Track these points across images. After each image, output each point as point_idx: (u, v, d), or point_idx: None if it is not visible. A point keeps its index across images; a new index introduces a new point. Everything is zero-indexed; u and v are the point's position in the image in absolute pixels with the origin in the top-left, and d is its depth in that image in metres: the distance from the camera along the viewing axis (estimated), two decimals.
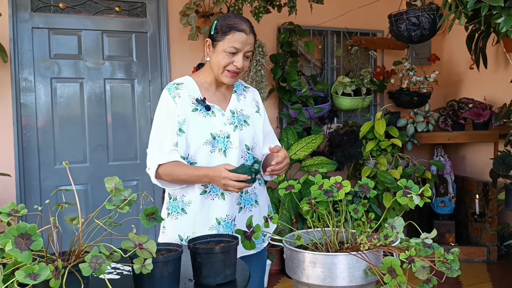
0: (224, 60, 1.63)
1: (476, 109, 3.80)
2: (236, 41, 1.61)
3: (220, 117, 1.70)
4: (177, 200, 1.70)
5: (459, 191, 4.13)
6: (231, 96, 1.78)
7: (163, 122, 1.67)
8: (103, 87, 3.49)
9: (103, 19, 3.47)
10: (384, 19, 3.45)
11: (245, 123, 1.74)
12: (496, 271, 3.64)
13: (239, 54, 1.63)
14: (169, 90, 1.69)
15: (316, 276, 1.24)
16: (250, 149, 1.73)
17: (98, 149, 3.49)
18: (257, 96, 1.87)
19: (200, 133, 1.65)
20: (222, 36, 1.62)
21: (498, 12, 2.29)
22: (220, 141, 1.67)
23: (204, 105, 1.68)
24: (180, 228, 1.69)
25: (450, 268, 1.16)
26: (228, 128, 1.69)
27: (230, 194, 1.67)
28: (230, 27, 1.62)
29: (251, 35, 1.65)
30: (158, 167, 1.63)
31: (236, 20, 1.64)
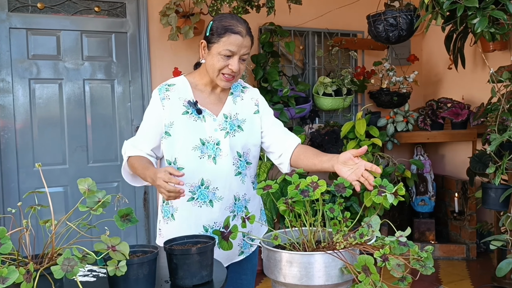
0: (219, 63, 1.57)
1: (454, 109, 3.85)
2: (232, 43, 1.55)
3: (210, 123, 1.64)
4: (169, 205, 1.67)
5: (438, 189, 4.18)
6: (226, 99, 1.71)
7: (146, 122, 1.66)
8: (83, 87, 3.45)
9: (82, 19, 3.43)
10: (364, 20, 3.48)
11: (238, 128, 1.68)
12: (475, 268, 3.70)
13: (234, 57, 1.57)
14: (159, 91, 1.65)
15: (293, 276, 1.24)
16: (242, 156, 1.67)
17: (78, 151, 3.45)
18: (256, 94, 1.78)
19: (189, 137, 1.60)
20: (217, 38, 1.56)
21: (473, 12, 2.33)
22: (210, 147, 1.61)
23: (195, 108, 1.62)
24: (171, 232, 1.64)
25: (424, 265, 1.17)
26: (218, 134, 1.63)
27: (220, 202, 1.62)
28: (225, 29, 1.56)
29: (247, 38, 1.59)
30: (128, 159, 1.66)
31: (232, 21, 1.58)
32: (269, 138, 1.74)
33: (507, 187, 2.72)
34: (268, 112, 1.77)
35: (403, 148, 4.39)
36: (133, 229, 3.60)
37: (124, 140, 1.74)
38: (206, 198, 1.61)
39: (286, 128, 1.79)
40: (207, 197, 1.61)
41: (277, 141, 1.73)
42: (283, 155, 1.71)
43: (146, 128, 1.66)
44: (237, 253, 1.73)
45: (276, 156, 1.73)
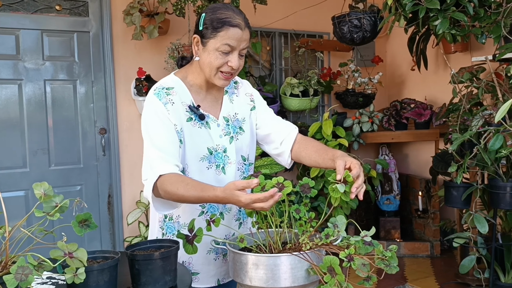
0: (218, 61, 1.40)
1: (417, 109, 3.94)
2: (231, 38, 1.38)
3: (215, 128, 1.48)
4: (173, 221, 1.51)
5: (403, 188, 4.26)
6: (222, 99, 1.55)
7: (159, 131, 1.40)
8: (44, 88, 3.34)
9: (43, 18, 3.32)
10: (330, 21, 3.51)
11: (240, 130, 1.54)
12: (439, 265, 3.78)
13: (234, 52, 1.40)
14: (158, 95, 1.43)
15: (259, 278, 1.22)
16: (246, 159, 1.56)
17: (39, 154, 3.33)
18: (249, 88, 1.64)
19: (196, 147, 1.44)
20: (214, 33, 1.38)
21: (435, 14, 2.38)
22: (218, 156, 1.47)
23: (198, 113, 1.45)
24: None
25: (389, 265, 1.18)
26: (224, 140, 1.48)
27: (229, 213, 1.51)
28: (222, 22, 1.38)
29: (246, 30, 1.41)
30: (158, 179, 1.35)
31: (228, 12, 1.40)
32: (266, 128, 1.61)
33: (468, 185, 2.79)
34: (262, 103, 1.65)
35: (369, 148, 4.46)
36: (97, 234, 3.50)
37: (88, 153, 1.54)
38: (217, 211, 1.49)
39: (281, 118, 1.67)
40: (217, 209, 1.49)
41: (276, 129, 1.59)
42: (284, 142, 1.58)
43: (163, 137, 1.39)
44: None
45: (276, 145, 1.59)
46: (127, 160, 3.53)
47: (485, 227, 2.62)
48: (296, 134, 1.60)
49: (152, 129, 1.41)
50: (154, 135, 1.41)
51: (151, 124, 1.42)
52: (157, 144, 1.39)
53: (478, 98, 2.88)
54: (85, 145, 3.46)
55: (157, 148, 1.39)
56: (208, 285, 1.55)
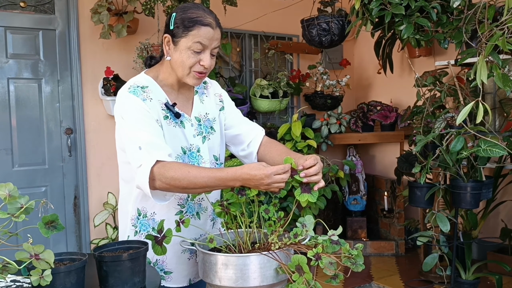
0: (190, 60, 1.40)
1: (383, 112, 4.03)
2: (202, 36, 1.38)
3: (189, 128, 1.48)
4: (147, 218, 1.48)
5: (369, 188, 4.35)
6: (193, 99, 1.54)
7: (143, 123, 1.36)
8: (7, 87, 3.24)
9: (6, 14, 3.22)
10: (299, 24, 3.55)
11: (211, 129, 1.55)
12: (403, 263, 3.88)
13: (206, 51, 1.41)
14: (134, 92, 1.41)
15: (228, 278, 1.23)
16: (218, 159, 1.57)
17: (2, 154, 3.23)
18: (218, 88, 1.64)
19: (171, 146, 1.40)
20: (185, 32, 1.38)
21: (400, 19, 2.45)
22: (192, 156, 1.47)
23: (174, 111, 1.44)
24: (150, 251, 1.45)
25: (355, 263, 1.21)
26: (197, 140, 1.49)
27: (205, 213, 1.52)
28: (194, 21, 1.38)
29: (217, 29, 1.43)
30: (156, 164, 1.30)
31: (199, 12, 1.41)
32: (235, 129, 1.62)
33: (431, 185, 2.87)
34: (231, 104, 1.66)
35: (337, 149, 4.53)
36: (62, 236, 3.43)
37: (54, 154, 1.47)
38: (193, 210, 1.51)
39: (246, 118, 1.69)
40: (194, 209, 1.51)
41: (244, 131, 1.61)
42: (251, 144, 1.60)
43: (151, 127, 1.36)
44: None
45: (243, 147, 1.61)
46: (94, 161, 3.47)
47: (447, 226, 2.70)
48: (262, 136, 1.62)
49: (136, 124, 1.37)
50: (139, 129, 1.36)
51: (134, 119, 1.37)
52: (146, 134, 1.35)
53: (441, 101, 2.98)
54: (51, 145, 3.38)
55: (147, 136, 1.34)
56: (180, 284, 1.55)
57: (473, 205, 2.71)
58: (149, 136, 1.35)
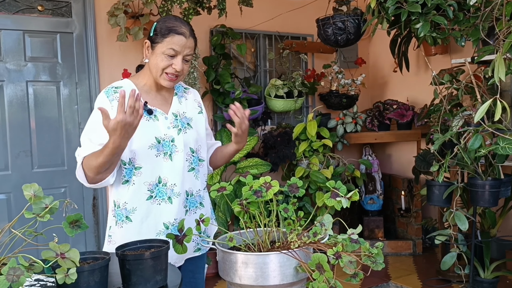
0: (163, 63, 1.61)
1: (400, 110, 4.00)
2: (175, 43, 1.60)
3: (163, 121, 1.67)
4: (120, 208, 1.64)
5: (386, 188, 4.33)
6: (172, 99, 1.75)
7: (97, 125, 1.58)
8: (26, 90, 3.30)
9: (24, 18, 3.28)
10: (313, 24, 3.55)
11: (188, 126, 1.73)
12: (421, 262, 3.85)
13: (178, 57, 1.62)
14: (106, 93, 1.64)
15: (248, 277, 1.24)
16: (195, 152, 1.73)
17: (21, 156, 3.29)
18: (198, 96, 1.86)
19: (144, 137, 1.61)
20: (161, 38, 1.61)
21: (416, 17, 2.43)
22: (166, 145, 1.65)
23: (146, 109, 1.64)
24: (126, 236, 1.61)
25: (375, 261, 1.21)
26: (172, 131, 1.67)
27: (178, 198, 1.65)
28: (169, 29, 1.61)
29: (191, 39, 1.64)
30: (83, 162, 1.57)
31: (176, 23, 1.63)
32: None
33: (449, 184, 2.85)
34: (206, 117, 1.87)
35: (352, 149, 4.51)
36: (82, 236, 3.48)
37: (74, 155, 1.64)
38: (165, 195, 1.64)
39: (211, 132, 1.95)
40: (165, 194, 1.64)
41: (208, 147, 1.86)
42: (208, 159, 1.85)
43: (97, 130, 1.57)
44: (192, 249, 1.74)
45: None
46: None
47: (465, 225, 2.68)
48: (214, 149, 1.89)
49: (91, 124, 1.61)
50: (90, 129, 1.60)
51: (91, 119, 1.62)
52: (86, 138, 1.59)
53: (458, 99, 2.95)
54: (69, 147, 3.43)
55: (86, 140, 1.59)
56: None
57: (492, 203, 2.67)
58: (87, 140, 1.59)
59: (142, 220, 1.62)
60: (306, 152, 3.82)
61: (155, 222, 1.63)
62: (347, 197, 1.28)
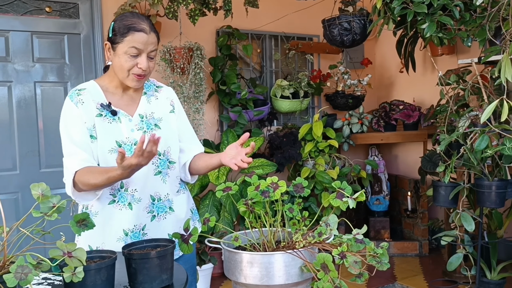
0: (127, 64, 1.54)
1: (406, 111, 3.99)
2: (137, 41, 1.53)
3: (126, 123, 1.61)
4: (88, 210, 1.63)
5: (392, 188, 4.32)
6: (140, 99, 1.68)
7: (71, 130, 1.56)
8: (34, 90, 3.33)
9: (32, 19, 3.31)
10: (319, 24, 3.55)
11: (156, 127, 1.66)
12: (427, 263, 3.84)
13: (142, 55, 1.55)
14: (70, 97, 1.60)
15: (253, 276, 1.25)
16: (162, 154, 1.65)
17: (29, 156, 3.32)
18: (171, 94, 1.77)
19: (105, 140, 1.56)
20: (121, 38, 1.53)
21: (422, 18, 2.42)
22: (127, 148, 1.58)
23: (109, 110, 1.59)
24: (89, 239, 1.60)
25: (380, 261, 1.21)
26: (135, 134, 1.61)
27: (138, 204, 1.60)
28: (128, 27, 1.53)
29: (152, 34, 1.56)
30: (75, 175, 1.53)
31: (134, 19, 1.55)
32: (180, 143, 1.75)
33: (455, 184, 2.84)
34: (182, 116, 1.77)
35: (359, 149, 4.51)
36: None
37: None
38: (125, 200, 1.60)
39: (195, 135, 1.81)
40: (126, 199, 1.60)
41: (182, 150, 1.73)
42: (186, 164, 1.74)
43: (75, 135, 1.55)
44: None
45: (180, 166, 1.73)
46: None
47: (472, 225, 2.67)
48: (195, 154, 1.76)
49: (64, 130, 1.58)
50: (65, 135, 1.57)
51: (63, 125, 1.59)
52: (68, 144, 1.56)
53: (465, 99, 2.94)
54: None
55: (68, 147, 1.56)
56: None
57: (498, 204, 2.66)
58: (70, 147, 1.55)
59: (104, 225, 1.59)
60: (312, 153, 3.82)
61: (116, 227, 1.59)
62: (353, 197, 1.29)
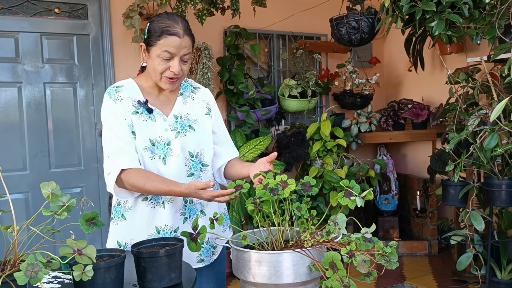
0: (160, 67, 1.54)
1: (415, 110, 3.97)
2: (169, 45, 1.51)
3: (161, 122, 1.61)
4: (121, 205, 1.64)
5: (401, 188, 4.30)
6: (176, 100, 1.68)
7: (114, 126, 1.56)
8: (43, 91, 3.36)
9: (42, 21, 3.34)
10: (327, 23, 3.54)
11: (190, 128, 1.65)
12: (437, 263, 3.81)
13: (175, 59, 1.54)
14: (109, 94, 1.61)
15: (262, 275, 1.25)
16: (195, 156, 1.65)
17: (39, 156, 3.35)
18: (208, 96, 1.76)
19: (140, 138, 1.57)
20: (155, 41, 1.52)
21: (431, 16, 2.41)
22: (160, 147, 1.58)
23: (145, 107, 1.60)
24: (119, 234, 1.63)
25: (389, 260, 1.21)
26: (169, 134, 1.60)
27: (171, 203, 1.60)
28: (161, 31, 1.51)
29: (186, 37, 1.54)
30: (121, 173, 1.52)
31: (168, 22, 1.53)
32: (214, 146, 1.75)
33: (465, 183, 2.82)
34: (218, 119, 1.77)
35: (367, 148, 4.49)
36: (98, 236, 3.52)
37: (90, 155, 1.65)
38: (160, 199, 1.60)
39: (230, 139, 1.81)
40: (160, 198, 1.60)
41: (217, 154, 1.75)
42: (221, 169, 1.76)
43: (118, 132, 1.55)
44: (195, 260, 1.66)
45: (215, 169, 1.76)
46: None
47: (482, 225, 2.65)
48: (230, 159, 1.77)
49: (109, 126, 1.58)
50: (111, 131, 1.57)
51: (108, 121, 1.58)
52: (114, 140, 1.56)
53: (474, 98, 2.92)
54: (85, 147, 3.48)
55: (115, 143, 1.55)
56: None
57: (508, 203, 2.64)
58: (116, 142, 1.55)
59: (136, 220, 1.60)
60: (320, 152, 3.82)
61: (148, 224, 1.59)
62: (361, 196, 1.28)
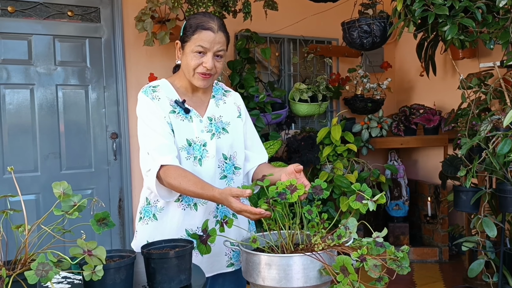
0: (193, 62, 1.54)
1: (426, 115, 3.94)
2: (203, 40, 1.52)
3: (197, 123, 1.60)
4: (151, 205, 1.62)
5: (412, 194, 4.26)
6: (209, 102, 1.67)
7: (153, 123, 1.54)
8: (55, 93, 3.39)
9: (54, 23, 3.37)
10: (338, 28, 3.53)
11: (223, 130, 1.64)
12: (447, 270, 3.77)
13: (208, 54, 1.53)
14: (145, 92, 1.59)
15: (271, 278, 1.24)
16: (228, 159, 1.65)
17: (50, 158, 3.37)
18: (238, 100, 1.76)
19: (177, 137, 1.56)
20: (189, 37, 1.54)
21: (444, 20, 2.39)
22: (196, 148, 1.57)
23: (183, 107, 1.58)
24: (149, 234, 1.60)
25: (400, 265, 1.19)
26: (205, 135, 1.60)
27: (204, 205, 1.59)
28: (196, 26, 1.53)
29: (220, 33, 1.55)
30: (161, 169, 1.49)
31: (204, 18, 1.55)
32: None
33: (477, 189, 2.79)
34: (248, 123, 1.76)
35: (378, 154, 4.46)
36: (107, 237, 3.54)
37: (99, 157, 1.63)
38: (191, 201, 1.59)
39: (261, 143, 1.79)
40: (192, 200, 1.58)
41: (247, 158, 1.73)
42: (249, 173, 1.73)
43: (158, 129, 1.53)
44: (224, 264, 1.65)
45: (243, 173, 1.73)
46: (138, 164, 3.56)
47: (494, 231, 2.62)
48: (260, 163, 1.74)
49: (148, 123, 1.55)
50: (150, 128, 1.54)
51: (147, 119, 1.56)
52: (154, 136, 1.53)
53: (487, 103, 2.89)
54: (96, 149, 3.50)
55: (155, 140, 1.52)
56: None
57: None
58: (156, 139, 1.52)
59: (167, 221, 1.59)
60: (330, 157, 3.80)
61: (178, 226, 1.58)
62: (373, 200, 1.27)
